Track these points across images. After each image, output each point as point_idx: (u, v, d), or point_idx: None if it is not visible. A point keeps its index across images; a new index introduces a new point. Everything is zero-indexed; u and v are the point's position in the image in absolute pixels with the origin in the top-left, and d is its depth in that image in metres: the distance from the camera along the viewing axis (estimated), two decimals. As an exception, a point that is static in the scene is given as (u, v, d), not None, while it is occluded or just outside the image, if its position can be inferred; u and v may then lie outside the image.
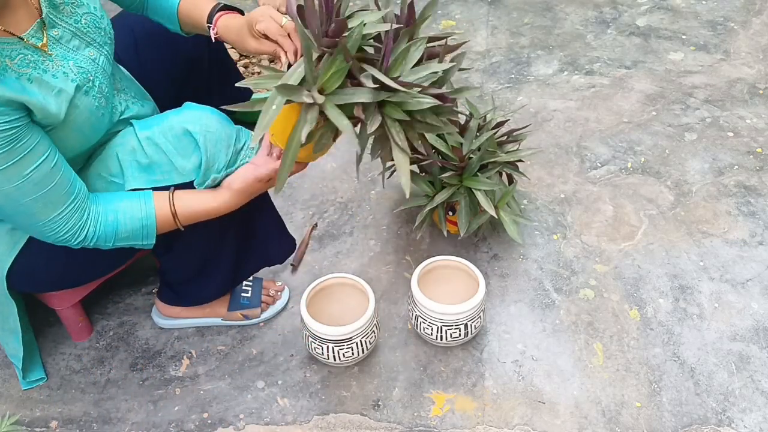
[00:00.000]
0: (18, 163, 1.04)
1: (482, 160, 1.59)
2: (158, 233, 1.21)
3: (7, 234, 1.24)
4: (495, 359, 1.49)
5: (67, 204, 1.12)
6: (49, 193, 1.09)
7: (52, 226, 1.13)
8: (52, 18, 1.12)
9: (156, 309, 1.58)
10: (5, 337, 1.40)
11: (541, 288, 1.63)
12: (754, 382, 1.43)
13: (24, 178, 1.06)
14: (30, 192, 1.08)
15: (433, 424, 1.39)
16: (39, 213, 1.10)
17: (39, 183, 1.08)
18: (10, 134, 1.03)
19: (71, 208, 1.13)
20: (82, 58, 1.15)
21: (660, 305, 1.58)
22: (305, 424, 1.39)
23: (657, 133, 2.05)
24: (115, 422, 1.42)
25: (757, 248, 1.70)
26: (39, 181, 1.08)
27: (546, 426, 1.38)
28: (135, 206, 1.18)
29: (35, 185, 1.07)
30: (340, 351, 1.40)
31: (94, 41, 1.18)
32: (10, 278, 1.29)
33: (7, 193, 1.06)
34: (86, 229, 1.15)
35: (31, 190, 1.08)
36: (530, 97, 2.19)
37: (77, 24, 1.16)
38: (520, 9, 2.61)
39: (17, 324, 1.37)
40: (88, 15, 1.18)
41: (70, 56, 1.13)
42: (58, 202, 1.11)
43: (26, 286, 1.35)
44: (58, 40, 1.13)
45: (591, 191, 1.87)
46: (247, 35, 1.23)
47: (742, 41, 2.40)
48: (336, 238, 1.77)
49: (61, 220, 1.12)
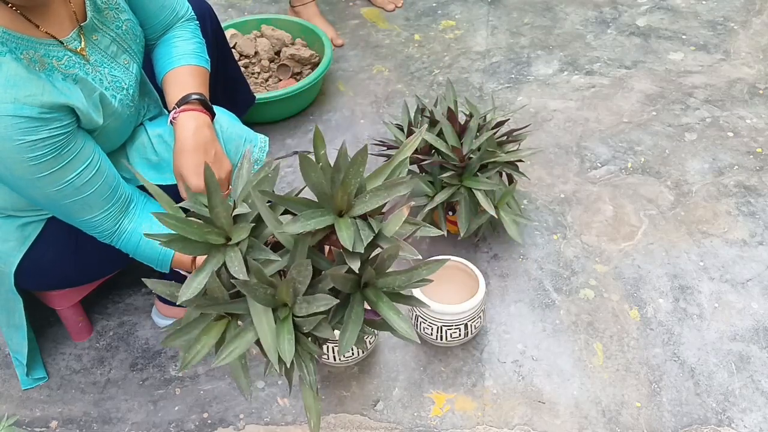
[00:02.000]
0: (63, 168, 1.06)
1: (482, 160, 1.58)
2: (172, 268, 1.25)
3: (17, 230, 1.25)
4: (495, 359, 1.49)
5: (104, 210, 1.15)
6: (88, 198, 1.12)
7: (86, 224, 1.17)
8: (95, 22, 1.13)
9: (156, 309, 1.59)
10: (10, 333, 1.41)
11: (541, 288, 1.63)
12: (754, 382, 1.43)
13: (66, 183, 1.08)
14: (70, 195, 1.10)
15: (433, 424, 1.39)
16: (76, 213, 1.14)
17: (79, 188, 1.10)
18: (60, 140, 1.04)
19: (106, 214, 1.16)
20: (117, 66, 1.17)
21: (660, 305, 1.58)
22: (305, 424, 1.39)
23: (657, 133, 2.05)
24: (115, 422, 1.42)
25: (757, 248, 1.70)
26: (80, 186, 1.10)
27: (546, 426, 1.38)
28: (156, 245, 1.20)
29: (75, 190, 1.10)
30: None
31: (130, 48, 1.20)
32: (17, 277, 1.29)
33: (48, 195, 1.08)
34: (112, 238, 1.20)
35: (72, 194, 1.10)
36: (530, 97, 2.19)
37: (118, 30, 1.17)
38: (520, 9, 2.61)
39: (23, 320, 1.38)
40: (129, 21, 1.20)
41: (106, 63, 1.15)
42: (95, 207, 1.14)
43: (33, 285, 1.36)
44: (97, 45, 1.13)
45: (591, 191, 1.87)
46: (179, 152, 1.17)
47: (742, 41, 2.40)
48: (336, 238, 1.77)
49: (96, 221, 1.16)
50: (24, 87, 0.98)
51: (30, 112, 0.98)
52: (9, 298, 1.34)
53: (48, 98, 1.01)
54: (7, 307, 1.36)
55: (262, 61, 2.16)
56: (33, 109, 0.99)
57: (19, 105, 0.97)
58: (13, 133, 0.98)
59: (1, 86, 0.97)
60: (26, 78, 0.99)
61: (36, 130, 1.00)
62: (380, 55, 2.40)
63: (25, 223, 1.24)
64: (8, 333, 1.41)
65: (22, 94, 0.98)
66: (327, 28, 2.40)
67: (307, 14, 2.39)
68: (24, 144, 0.99)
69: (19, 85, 0.98)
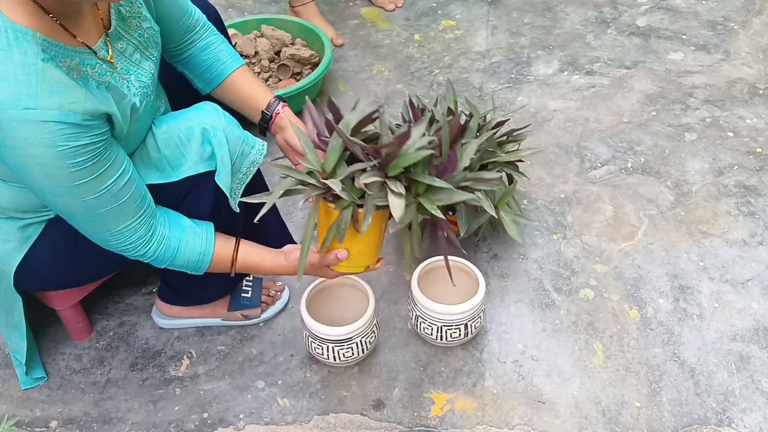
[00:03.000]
0: (101, 175, 1.07)
1: (482, 160, 1.58)
2: (209, 270, 1.27)
3: (18, 231, 1.25)
4: (495, 359, 1.49)
5: (138, 216, 1.15)
6: (124, 204, 1.12)
7: (119, 236, 1.15)
8: (119, 31, 1.15)
9: (156, 309, 1.59)
10: (9, 332, 1.41)
11: (541, 288, 1.63)
12: (754, 382, 1.43)
13: (104, 190, 1.08)
14: (107, 203, 1.10)
15: (433, 424, 1.39)
16: (110, 223, 1.13)
17: (116, 195, 1.10)
18: (100, 147, 1.05)
19: (140, 221, 1.16)
20: (142, 72, 1.18)
21: (660, 305, 1.58)
22: (305, 424, 1.39)
23: (657, 133, 2.05)
24: (115, 422, 1.42)
25: (757, 248, 1.70)
26: (116, 193, 1.10)
27: (546, 426, 1.38)
28: (197, 239, 1.24)
29: (112, 197, 1.10)
30: (340, 351, 1.40)
31: (152, 55, 1.22)
32: (17, 278, 1.29)
33: (86, 203, 1.08)
34: (150, 245, 1.19)
35: (108, 201, 1.10)
36: (530, 97, 2.19)
37: (140, 38, 1.19)
38: (520, 9, 2.61)
39: (22, 319, 1.38)
40: (150, 29, 1.22)
41: (132, 70, 1.16)
42: (129, 214, 1.14)
43: (32, 285, 1.36)
44: (122, 53, 1.15)
45: (591, 191, 1.87)
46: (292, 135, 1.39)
47: (742, 41, 2.40)
48: (336, 238, 1.77)
49: (129, 230, 1.15)
50: (67, 94, 0.99)
51: (74, 119, 0.99)
52: (8, 298, 1.34)
53: (90, 105, 1.02)
54: (6, 307, 1.36)
55: (262, 61, 2.16)
56: (76, 116, 1.00)
57: (63, 111, 0.98)
58: (57, 140, 0.99)
59: (47, 92, 0.97)
60: (68, 85, 1.00)
61: (79, 137, 1.01)
62: (380, 55, 2.40)
63: (26, 225, 1.24)
64: (7, 332, 1.41)
65: (66, 100, 0.99)
66: (327, 28, 2.40)
67: (307, 14, 2.39)
68: (67, 150, 1.00)
69: (63, 92, 0.99)
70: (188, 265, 1.25)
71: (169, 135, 1.22)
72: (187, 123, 1.23)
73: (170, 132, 1.22)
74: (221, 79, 1.39)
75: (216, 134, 1.22)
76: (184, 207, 1.26)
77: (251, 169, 1.29)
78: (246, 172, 1.29)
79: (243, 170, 1.28)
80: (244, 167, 1.28)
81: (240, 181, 1.28)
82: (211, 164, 1.24)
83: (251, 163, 1.29)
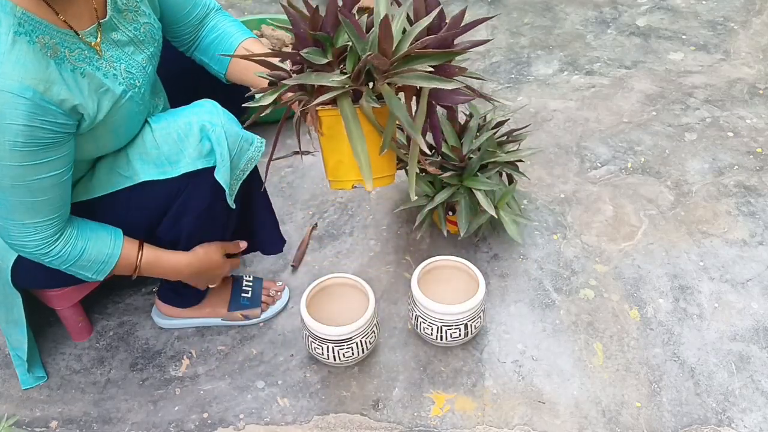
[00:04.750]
0: (38, 165, 1.05)
1: (482, 160, 1.59)
2: (111, 274, 1.26)
3: None
4: (495, 359, 1.49)
5: (48, 218, 1.14)
6: (38, 203, 1.10)
7: (23, 230, 1.13)
8: (114, 22, 1.16)
9: (156, 309, 1.59)
10: (9, 328, 1.41)
11: (541, 288, 1.63)
12: (754, 382, 1.43)
13: (25, 182, 1.07)
14: (21, 194, 1.08)
15: (433, 424, 1.39)
16: (17, 213, 1.11)
17: (34, 191, 1.08)
18: (49, 137, 1.04)
19: (49, 223, 1.14)
20: (134, 64, 1.19)
21: (660, 305, 1.58)
22: (305, 424, 1.39)
23: (657, 133, 2.05)
24: (115, 422, 1.42)
25: (757, 248, 1.70)
26: (35, 189, 1.08)
27: (546, 426, 1.38)
28: (105, 240, 1.22)
29: (29, 191, 1.08)
30: (340, 351, 1.40)
31: (147, 50, 1.22)
32: (13, 274, 1.30)
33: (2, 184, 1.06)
34: (54, 246, 1.17)
35: (23, 193, 1.08)
36: (530, 97, 2.19)
37: (136, 32, 1.19)
38: (520, 9, 2.61)
39: (22, 315, 1.38)
40: (148, 25, 1.22)
41: (123, 59, 1.17)
42: (40, 213, 1.12)
43: (28, 282, 1.35)
44: (116, 43, 1.16)
45: (591, 191, 1.87)
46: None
47: (742, 41, 2.40)
48: (336, 238, 1.77)
49: (35, 228, 1.13)
50: (33, 70, 0.99)
51: (32, 96, 0.99)
52: (7, 294, 1.35)
53: (56, 90, 1.02)
54: (6, 303, 1.36)
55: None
56: (36, 94, 0.99)
57: (24, 86, 0.98)
58: (7, 111, 0.98)
59: (11, 64, 0.97)
60: (37, 63, 1.00)
61: (31, 117, 1.00)
62: (380, 55, 2.40)
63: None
64: (7, 329, 1.41)
65: (30, 76, 0.98)
66: None
67: None
68: (12, 125, 0.99)
69: (29, 67, 0.99)
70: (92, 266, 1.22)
71: (168, 131, 1.23)
72: (186, 119, 1.24)
73: (169, 128, 1.23)
74: (232, 50, 1.38)
75: (215, 130, 1.23)
76: (181, 202, 1.26)
77: (249, 165, 1.30)
78: (244, 168, 1.29)
79: (241, 167, 1.29)
80: (242, 164, 1.29)
81: (238, 177, 1.29)
82: (210, 160, 1.24)
83: (249, 159, 1.30)
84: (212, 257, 1.38)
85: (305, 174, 1.95)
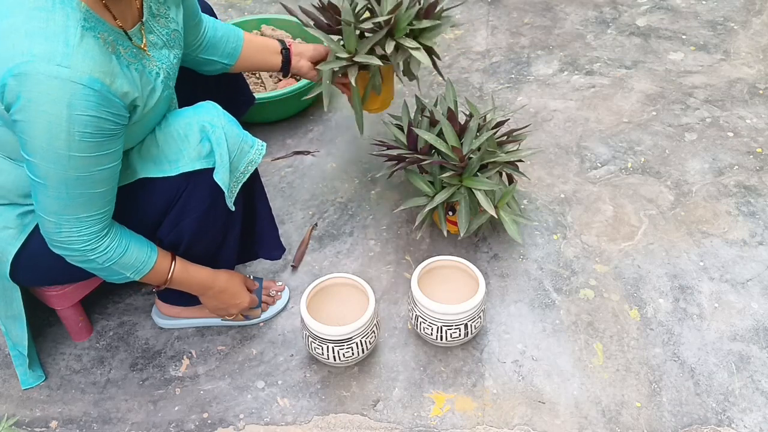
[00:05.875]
0: (98, 157, 1.09)
1: (482, 160, 1.59)
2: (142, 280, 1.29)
3: (17, 218, 1.25)
4: (495, 359, 1.49)
5: (100, 211, 1.16)
6: (96, 195, 1.13)
7: (77, 224, 1.15)
8: (150, 24, 1.20)
9: (156, 309, 1.59)
10: (8, 323, 1.40)
11: (541, 288, 1.63)
12: (754, 382, 1.43)
13: (89, 173, 1.09)
14: (84, 185, 1.11)
15: (433, 424, 1.39)
16: (73, 207, 1.13)
17: (96, 182, 1.12)
18: (110, 129, 1.08)
19: (100, 217, 1.16)
20: (170, 66, 1.24)
21: (660, 305, 1.58)
22: (305, 424, 1.39)
23: (657, 133, 2.05)
24: (115, 422, 1.42)
25: (757, 248, 1.70)
26: (96, 181, 1.11)
27: (546, 426, 1.38)
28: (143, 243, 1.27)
29: (92, 183, 1.11)
30: (340, 351, 1.40)
31: (177, 55, 1.28)
32: (12, 269, 1.29)
33: (68, 177, 1.08)
34: (103, 240, 1.19)
35: (86, 184, 1.11)
36: (530, 97, 2.19)
37: (167, 36, 1.24)
38: (520, 9, 2.61)
39: (21, 309, 1.38)
40: (176, 32, 1.28)
41: (163, 60, 1.22)
42: (95, 205, 1.15)
43: (26, 278, 1.35)
44: (154, 45, 1.20)
45: (591, 191, 1.87)
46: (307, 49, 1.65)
47: (742, 41, 2.40)
48: (336, 238, 1.77)
49: (89, 221, 1.15)
50: (100, 63, 1.03)
51: (100, 88, 1.03)
52: (6, 287, 1.35)
53: (118, 82, 1.06)
54: (5, 297, 1.36)
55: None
56: (103, 86, 1.03)
57: (93, 78, 1.02)
58: (78, 103, 1.01)
59: (81, 56, 1.01)
60: (102, 56, 1.04)
61: (98, 108, 1.03)
62: (380, 55, 2.40)
63: (25, 212, 1.25)
64: (7, 324, 1.41)
65: (98, 69, 1.02)
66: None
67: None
68: (83, 116, 1.02)
69: (96, 60, 1.03)
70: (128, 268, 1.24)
71: (168, 130, 1.24)
72: (186, 119, 1.24)
73: (169, 128, 1.24)
74: (242, 46, 1.53)
75: (215, 131, 1.24)
76: (181, 203, 1.26)
77: (249, 168, 1.30)
78: (244, 170, 1.29)
79: (241, 169, 1.29)
80: (242, 166, 1.29)
81: (237, 179, 1.29)
82: (209, 161, 1.24)
83: (249, 162, 1.30)
84: (234, 281, 1.46)
85: (305, 174, 1.95)
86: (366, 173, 1.94)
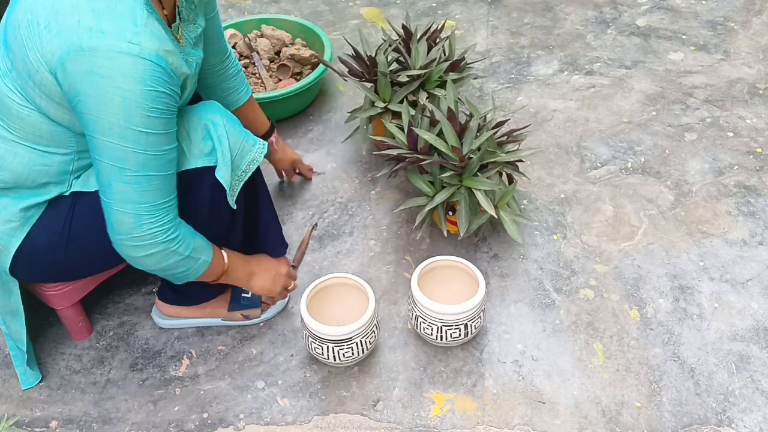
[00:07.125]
0: (167, 135, 1.11)
1: (482, 160, 1.59)
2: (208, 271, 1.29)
3: (20, 211, 1.25)
4: (495, 359, 1.49)
5: (171, 197, 1.18)
6: (166, 179, 1.15)
7: (156, 212, 1.15)
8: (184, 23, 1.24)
9: (156, 309, 1.59)
10: (8, 319, 1.40)
11: (541, 288, 1.63)
12: (754, 382, 1.43)
13: (164, 152, 1.12)
14: (160, 167, 1.13)
15: (433, 424, 1.39)
16: (149, 194, 1.13)
17: (166, 164, 1.14)
18: (173, 107, 1.11)
19: (172, 203, 1.18)
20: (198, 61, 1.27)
21: (660, 305, 1.58)
22: (305, 424, 1.39)
23: (657, 133, 2.05)
24: (115, 422, 1.42)
25: (757, 248, 1.70)
26: (168, 161, 1.14)
27: (546, 426, 1.38)
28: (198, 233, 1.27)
29: (162, 164, 1.13)
30: (340, 351, 1.40)
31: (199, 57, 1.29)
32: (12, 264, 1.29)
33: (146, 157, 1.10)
34: (179, 227, 1.20)
35: (162, 166, 1.13)
36: (530, 97, 2.19)
37: (195, 39, 1.27)
38: (520, 9, 2.61)
39: (20, 304, 1.38)
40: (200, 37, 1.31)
41: (194, 56, 1.25)
42: (166, 190, 1.16)
43: (25, 273, 1.35)
44: (187, 41, 1.24)
45: (591, 191, 1.87)
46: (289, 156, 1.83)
47: (742, 41, 2.40)
48: (336, 238, 1.77)
49: (165, 208, 1.16)
50: (164, 42, 1.07)
51: (166, 65, 1.06)
52: (5, 281, 1.34)
53: (176, 62, 1.10)
54: (4, 291, 1.36)
55: (263, 60, 2.16)
56: (168, 64, 1.07)
57: (160, 55, 1.05)
58: (148, 78, 1.04)
59: (148, 35, 1.05)
60: (164, 36, 1.08)
61: (165, 84, 1.07)
62: (380, 55, 2.40)
63: (28, 206, 1.25)
64: (6, 319, 1.40)
65: (163, 47, 1.06)
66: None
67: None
68: (153, 92, 1.05)
69: (161, 39, 1.06)
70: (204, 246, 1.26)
71: None
72: (189, 118, 1.24)
73: None
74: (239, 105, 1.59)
75: (217, 130, 1.24)
76: (183, 201, 1.26)
77: (251, 166, 1.31)
78: (245, 169, 1.30)
79: (243, 167, 1.29)
80: (244, 164, 1.29)
81: (239, 178, 1.29)
82: (211, 159, 1.24)
83: (251, 160, 1.30)
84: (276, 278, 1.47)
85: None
86: (366, 173, 1.94)
